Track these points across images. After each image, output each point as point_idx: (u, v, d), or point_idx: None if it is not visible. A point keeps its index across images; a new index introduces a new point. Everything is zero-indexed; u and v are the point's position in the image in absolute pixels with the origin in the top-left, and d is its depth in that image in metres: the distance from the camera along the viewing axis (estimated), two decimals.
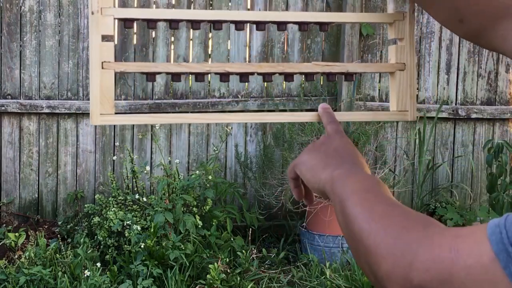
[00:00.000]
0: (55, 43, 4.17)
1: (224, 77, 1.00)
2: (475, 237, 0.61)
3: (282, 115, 1.12)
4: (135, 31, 4.25)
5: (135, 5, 4.23)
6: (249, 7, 4.37)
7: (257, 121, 1.08)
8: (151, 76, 0.97)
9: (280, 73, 1.02)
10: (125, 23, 0.97)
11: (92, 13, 0.92)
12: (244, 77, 1.01)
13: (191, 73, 0.99)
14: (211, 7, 4.33)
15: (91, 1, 0.92)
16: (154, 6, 4.27)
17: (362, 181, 0.80)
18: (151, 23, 0.98)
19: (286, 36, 4.41)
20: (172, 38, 4.30)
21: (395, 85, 1.05)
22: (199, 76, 1.00)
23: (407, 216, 0.71)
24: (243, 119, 1.09)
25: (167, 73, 0.98)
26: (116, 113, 0.94)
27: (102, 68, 0.93)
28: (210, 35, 4.33)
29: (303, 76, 1.04)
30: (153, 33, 4.25)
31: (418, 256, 0.64)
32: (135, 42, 4.25)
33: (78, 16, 4.18)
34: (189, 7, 4.29)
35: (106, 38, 0.93)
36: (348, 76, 1.05)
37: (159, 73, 0.98)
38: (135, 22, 0.98)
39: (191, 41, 4.32)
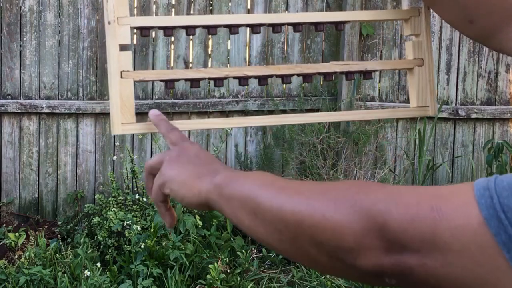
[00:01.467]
0: (55, 43, 4.17)
1: (243, 80, 0.99)
2: (461, 198, 0.59)
3: (310, 115, 1.09)
4: (134, 31, 4.24)
5: (135, 5, 4.23)
6: (249, 7, 4.36)
7: (281, 123, 1.06)
8: (170, 84, 0.96)
9: (299, 74, 1.01)
10: (142, 31, 0.96)
11: (109, 23, 0.92)
12: (263, 80, 1.00)
13: (210, 79, 0.97)
14: (211, 8, 4.33)
15: (106, 11, 0.91)
16: (154, 6, 4.27)
17: (258, 176, 0.75)
18: (167, 31, 0.97)
19: (286, 36, 4.41)
20: (172, 38, 4.30)
21: (414, 81, 1.04)
22: (218, 81, 0.98)
23: (342, 184, 0.67)
24: (263, 122, 1.05)
25: (186, 80, 0.96)
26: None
27: (121, 77, 0.92)
28: (209, 35, 4.32)
29: (322, 76, 1.02)
30: (153, 33, 4.25)
31: (391, 215, 0.60)
32: (135, 42, 4.25)
33: (78, 16, 4.18)
34: (189, 7, 4.29)
35: (123, 47, 0.93)
36: (367, 74, 1.04)
37: (178, 80, 0.96)
38: (152, 30, 0.97)
39: (191, 41, 4.32)
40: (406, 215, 0.60)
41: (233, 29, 0.99)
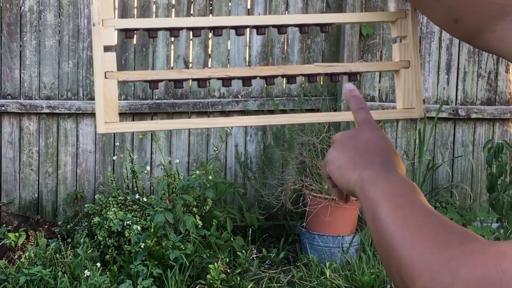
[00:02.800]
0: (55, 43, 4.17)
1: (227, 81, 1.00)
2: None
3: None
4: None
5: (135, 5, 4.23)
6: (249, 7, 4.37)
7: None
8: (154, 84, 0.98)
9: (282, 76, 1.02)
10: (126, 33, 0.99)
11: (94, 24, 0.94)
12: (246, 81, 1.01)
13: (193, 79, 0.99)
14: (211, 7, 4.33)
15: (92, 13, 0.95)
16: (154, 6, 4.27)
17: (395, 185, 0.76)
18: (152, 32, 0.99)
19: (286, 36, 4.41)
20: (172, 38, 4.30)
21: (400, 83, 1.04)
22: (201, 82, 0.99)
23: (445, 228, 0.67)
24: (248, 122, 1.06)
25: (169, 80, 0.99)
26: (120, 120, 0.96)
27: (105, 77, 0.95)
28: (210, 35, 4.33)
29: (306, 77, 1.03)
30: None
31: (460, 275, 0.60)
32: (135, 42, 4.25)
33: (78, 16, 4.18)
34: (189, 7, 4.30)
35: (108, 48, 0.95)
36: (352, 76, 1.04)
37: (161, 80, 0.98)
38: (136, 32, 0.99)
39: (191, 41, 4.32)
40: (473, 277, 0.60)
41: (216, 31, 1.00)
